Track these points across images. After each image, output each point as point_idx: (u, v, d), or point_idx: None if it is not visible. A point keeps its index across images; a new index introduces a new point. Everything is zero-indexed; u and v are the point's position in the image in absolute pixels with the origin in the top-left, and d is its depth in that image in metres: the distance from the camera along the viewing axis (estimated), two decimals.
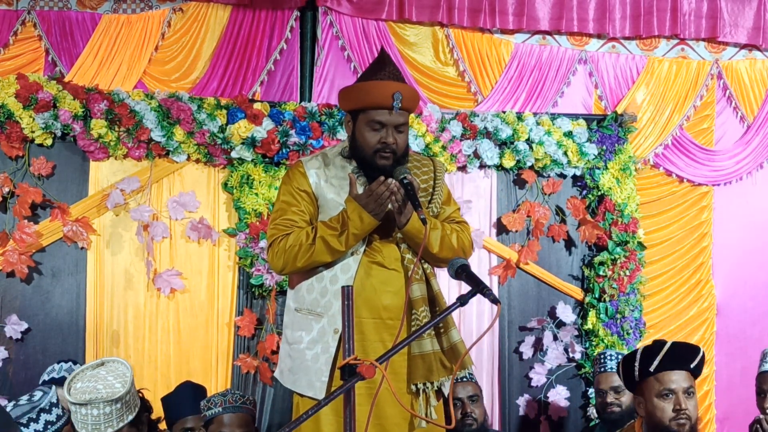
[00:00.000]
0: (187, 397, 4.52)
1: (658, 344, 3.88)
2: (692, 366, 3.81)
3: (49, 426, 3.84)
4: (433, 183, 3.77)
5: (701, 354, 3.86)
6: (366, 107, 3.56)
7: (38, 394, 3.95)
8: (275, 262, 3.62)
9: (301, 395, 3.66)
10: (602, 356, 5.12)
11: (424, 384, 3.59)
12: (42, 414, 3.85)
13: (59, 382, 4.27)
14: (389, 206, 3.50)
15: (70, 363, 4.52)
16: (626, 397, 4.93)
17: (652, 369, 3.78)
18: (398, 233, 3.62)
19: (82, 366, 3.65)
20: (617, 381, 4.95)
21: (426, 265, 3.69)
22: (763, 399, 4.53)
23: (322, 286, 3.61)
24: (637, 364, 3.84)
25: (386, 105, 3.52)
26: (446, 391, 3.68)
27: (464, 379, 4.82)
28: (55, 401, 3.94)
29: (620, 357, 5.02)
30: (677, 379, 3.77)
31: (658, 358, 3.78)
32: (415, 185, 3.47)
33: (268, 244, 3.65)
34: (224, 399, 4.32)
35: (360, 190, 3.54)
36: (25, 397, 3.93)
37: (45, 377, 4.49)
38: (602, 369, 5.07)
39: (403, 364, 3.62)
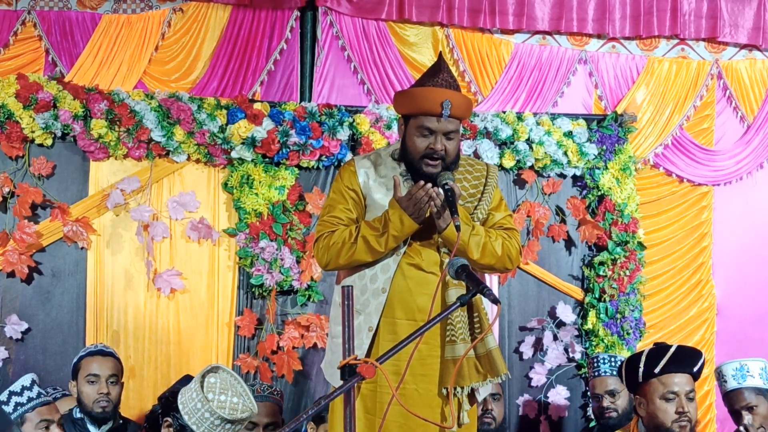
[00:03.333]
0: None
1: (664, 347, 3.91)
2: (695, 370, 3.86)
3: (18, 408, 4.11)
4: (483, 188, 3.77)
5: (703, 358, 3.92)
6: (416, 113, 3.58)
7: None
8: (320, 258, 3.66)
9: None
10: (596, 360, 5.13)
11: (455, 389, 3.60)
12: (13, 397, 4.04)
13: (98, 353, 4.60)
14: (428, 211, 3.52)
15: (103, 344, 4.72)
16: (622, 401, 4.96)
17: (657, 371, 3.81)
18: (438, 238, 3.63)
19: (216, 373, 3.59)
20: (612, 384, 4.97)
21: None
22: (740, 417, 4.54)
23: (363, 284, 3.64)
24: (642, 365, 3.86)
25: (435, 112, 3.53)
26: (479, 396, 3.69)
27: None
28: (28, 385, 4.08)
29: (613, 360, 5.04)
30: (680, 381, 3.80)
31: (664, 360, 3.81)
32: (456, 191, 3.48)
33: (315, 239, 3.70)
34: (252, 389, 4.36)
35: (404, 192, 3.56)
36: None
37: (81, 353, 4.62)
38: (596, 373, 5.08)
39: (436, 366, 3.62)
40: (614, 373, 4.93)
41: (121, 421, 4.64)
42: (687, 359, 3.88)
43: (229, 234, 5.39)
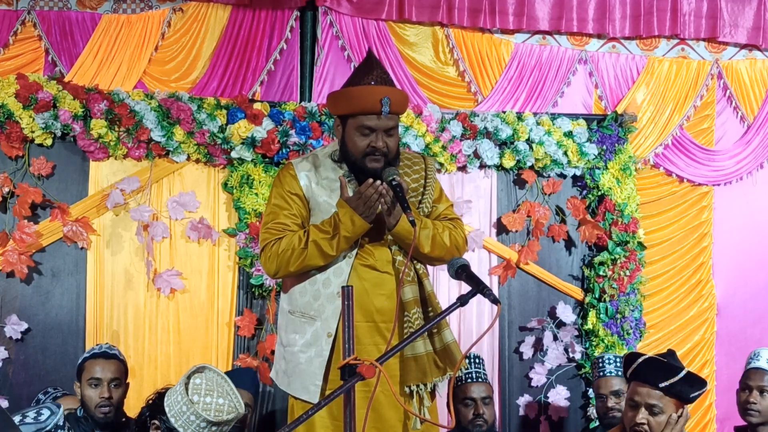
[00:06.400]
0: None
1: (636, 354, 3.90)
2: (662, 385, 3.72)
3: None
4: (424, 181, 3.77)
5: (679, 377, 3.74)
6: (355, 113, 3.56)
7: (45, 413, 3.93)
8: (268, 267, 3.62)
9: (296, 398, 3.67)
10: (600, 360, 5.12)
11: (417, 386, 3.60)
12: None
13: (101, 355, 4.45)
14: (379, 208, 3.50)
15: (108, 344, 4.62)
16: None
17: (628, 376, 3.84)
18: (389, 235, 3.62)
19: (201, 373, 3.56)
20: (617, 385, 4.98)
21: (419, 266, 3.70)
22: (749, 395, 4.57)
23: (315, 290, 3.62)
24: (623, 366, 3.91)
25: (375, 110, 3.51)
26: (440, 391, 3.69)
27: (479, 380, 4.86)
28: (62, 424, 3.94)
29: (619, 360, 5.05)
30: (642, 392, 3.74)
31: (631, 368, 3.82)
32: (403, 186, 3.47)
33: (261, 248, 3.65)
34: None
35: (350, 193, 3.55)
36: (32, 414, 3.91)
37: (86, 355, 4.52)
38: (601, 373, 5.07)
39: (396, 366, 3.62)
40: (619, 373, 4.94)
41: (123, 419, 4.62)
42: (652, 373, 3.76)
43: (229, 234, 5.38)
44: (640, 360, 3.82)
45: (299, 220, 3.65)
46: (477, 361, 4.97)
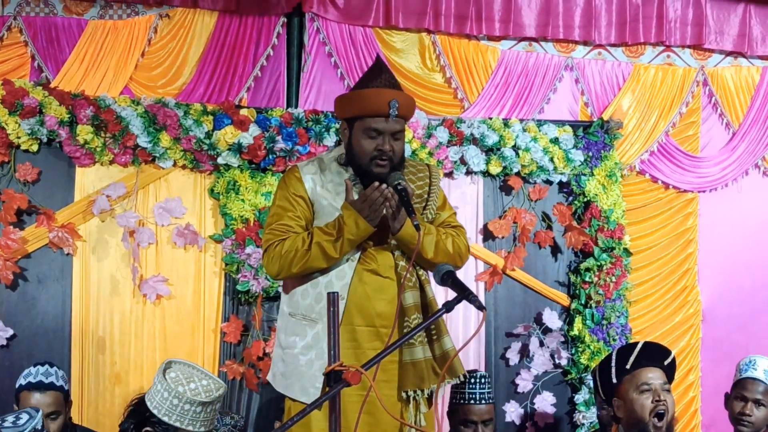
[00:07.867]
0: None
1: (631, 344, 3.98)
2: (665, 364, 3.90)
3: None
4: (429, 189, 3.79)
5: (672, 355, 3.97)
6: (363, 115, 3.58)
7: (24, 417, 3.90)
8: (270, 268, 3.62)
9: (294, 400, 3.66)
10: None
11: (415, 392, 3.60)
12: None
13: (36, 386, 4.24)
14: (384, 212, 3.51)
15: (46, 366, 4.38)
16: None
17: (628, 366, 3.86)
18: (392, 240, 3.62)
19: (171, 367, 3.55)
20: None
21: (421, 272, 3.71)
22: (744, 406, 4.56)
23: (317, 292, 3.62)
24: (613, 364, 3.92)
25: (383, 113, 3.54)
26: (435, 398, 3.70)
27: (483, 402, 4.61)
28: (40, 427, 3.90)
29: None
30: (653, 375, 3.86)
31: (634, 354, 3.88)
32: (409, 191, 3.49)
33: (264, 249, 3.66)
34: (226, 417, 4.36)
35: (356, 196, 3.56)
36: (10, 418, 3.87)
37: (21, 381, 4.33)
38: None
39: (395, 371, 3.62)
40: None
41: None
42: (656, 354, 3.93)
43: (215, 240, 5.38)
44: (640, 345, 3.94)
45: (303, 222, 3.66)
46: (482, 380, 4.67)
